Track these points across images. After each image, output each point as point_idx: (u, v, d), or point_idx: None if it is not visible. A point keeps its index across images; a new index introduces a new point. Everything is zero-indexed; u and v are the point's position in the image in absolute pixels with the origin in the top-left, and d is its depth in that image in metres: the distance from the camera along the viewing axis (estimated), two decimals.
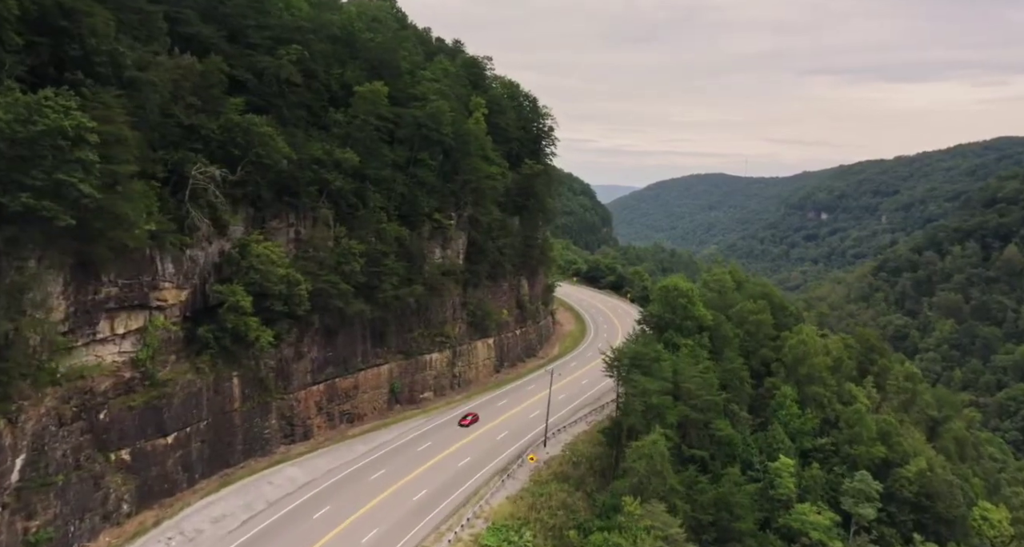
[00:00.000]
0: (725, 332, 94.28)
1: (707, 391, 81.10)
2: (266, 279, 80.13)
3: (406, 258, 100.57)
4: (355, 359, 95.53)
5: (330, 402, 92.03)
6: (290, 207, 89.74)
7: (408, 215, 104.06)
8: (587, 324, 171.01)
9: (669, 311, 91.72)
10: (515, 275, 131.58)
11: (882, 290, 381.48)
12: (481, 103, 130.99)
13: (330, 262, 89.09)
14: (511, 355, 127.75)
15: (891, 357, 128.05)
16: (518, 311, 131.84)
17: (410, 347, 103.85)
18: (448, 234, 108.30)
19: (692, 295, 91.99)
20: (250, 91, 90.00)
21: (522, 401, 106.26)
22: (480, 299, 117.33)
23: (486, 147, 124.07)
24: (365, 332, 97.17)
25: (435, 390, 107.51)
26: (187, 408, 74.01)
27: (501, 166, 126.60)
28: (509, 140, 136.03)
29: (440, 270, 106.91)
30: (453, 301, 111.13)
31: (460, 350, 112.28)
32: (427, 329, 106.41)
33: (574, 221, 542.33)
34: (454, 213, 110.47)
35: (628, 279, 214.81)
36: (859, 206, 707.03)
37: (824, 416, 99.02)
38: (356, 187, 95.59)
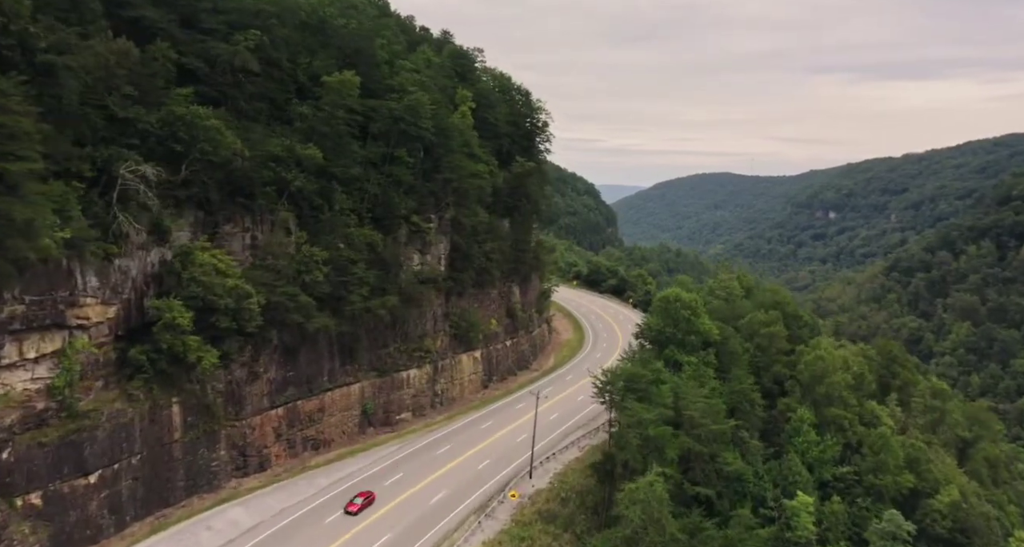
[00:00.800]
0: (733, 348, 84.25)
1: (713, 419, 71.02)
2: (210, 292, 70.49)
3: (379, 265, 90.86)
4: (320, 379, 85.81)
5: (291, 427, 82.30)
6: (245, 210, 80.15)
7: (382, 218, 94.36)
8: (586, 332, 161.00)
9: (670, 325, 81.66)
10: (505, 282, 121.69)
11: (894, 291, 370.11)
12: (467, 96, 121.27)
13: (289, 271, 79.43)
14: (501, 368, 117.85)
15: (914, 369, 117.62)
16: (508, 320, 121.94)
17: (385, 363, 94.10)
18: (427, 238, 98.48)
19: (696, 307, 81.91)
20: (201, 81, 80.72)
21: (509, 422, 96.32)
22: (465, 309, 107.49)
23: (472, 143, 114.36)
24: (332, 348, 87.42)
25: (414, 410, 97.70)
26: (115, 441, 64.37)
27: (489, 164, 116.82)
28: (499, 136, 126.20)
29: (418, 278, 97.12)
30: (434, 312, 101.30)
31: (442, 365, 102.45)
32: (404, 343, 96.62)
33: (578, 221, 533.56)
34: (434, 215, 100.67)
35: (630, 282, 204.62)
36: (868, 204, 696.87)
37: (845, 441, 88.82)
38: (321, 187, 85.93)
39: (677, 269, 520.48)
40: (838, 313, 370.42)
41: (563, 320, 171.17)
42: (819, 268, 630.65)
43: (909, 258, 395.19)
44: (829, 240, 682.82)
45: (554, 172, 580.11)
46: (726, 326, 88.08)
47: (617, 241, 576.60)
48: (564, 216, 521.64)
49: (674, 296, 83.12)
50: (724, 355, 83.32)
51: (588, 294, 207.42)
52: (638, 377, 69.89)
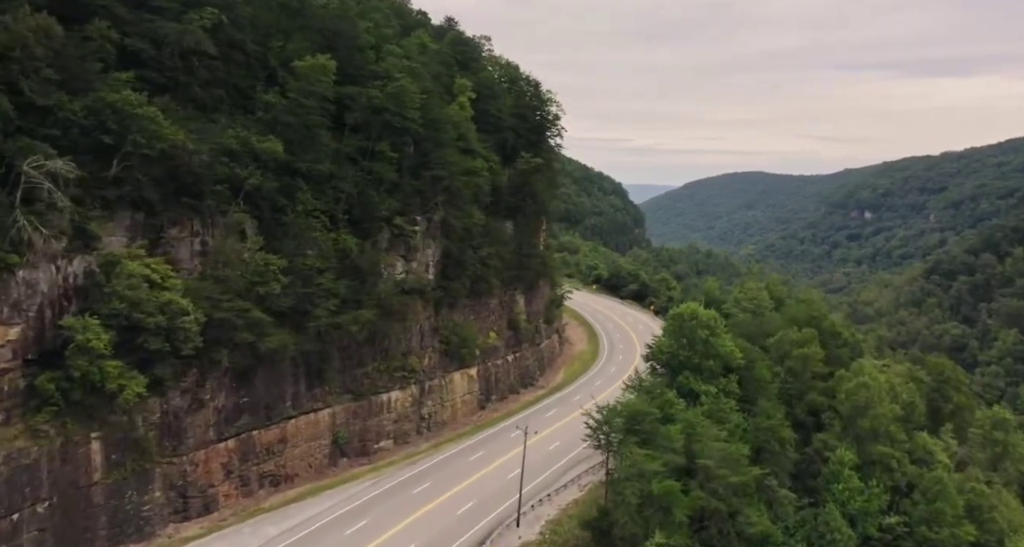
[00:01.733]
0: (760, 374, 71.75)
1: (733, 468, 58.77)
2: (137, 308, 59.94)
3: (353, 274, 79.89)
4: (282, 404, 74.95)
5: (244, 462, 71.46)
6: (193, 211, 69.60)
7: (360, 220, 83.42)
8: (601, 342, 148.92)
9: (685, 347, 69.38)
10: (507, 290, 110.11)
11: (935, 295, 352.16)
12: (467, 86, 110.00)
13: (239, 283, 68.63)
14: (501, 387, 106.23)
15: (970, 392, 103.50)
16: (511, 333, 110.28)
17: (361, 385, 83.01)
18: (412, 243, 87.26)
19: (716, 325, 69.42)
20: (147, 65, 70.50)
21: (503, 452, 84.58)
22: (457, 322, 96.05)
23: (470, 137, 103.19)
24: (297, 370, 76.49)
25: (396, 438, 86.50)
26: (14, 486, 54.07)
27: (489, 160, 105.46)
28: (502, 129, 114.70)
29: (402, 288, 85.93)
30: (420, 326, 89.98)
31: (430, 386, 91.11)
32: (384, 362, 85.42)
33: (604, 222, 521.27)
34: (421, 217, 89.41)
35: (652, 287, 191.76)
36: (905, 204, 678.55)
37: (893, 483, 75.84)
38: (284, 186, 75.23)
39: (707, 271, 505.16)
40: (875, 318, 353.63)
41: (577, 329, 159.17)
42: (854, 270, 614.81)
43: (950, 260, 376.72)
44: (865, 241, 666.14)
45: (580, 171, 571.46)
46: (752, 346, 75.57)
47: (645, 242, 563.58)
48: (590, 216, 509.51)
49: (689, 313, 70.69)
50: (749, 382, 70.85)
51: (607, 299, 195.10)
52: (642, 415, 57.79)
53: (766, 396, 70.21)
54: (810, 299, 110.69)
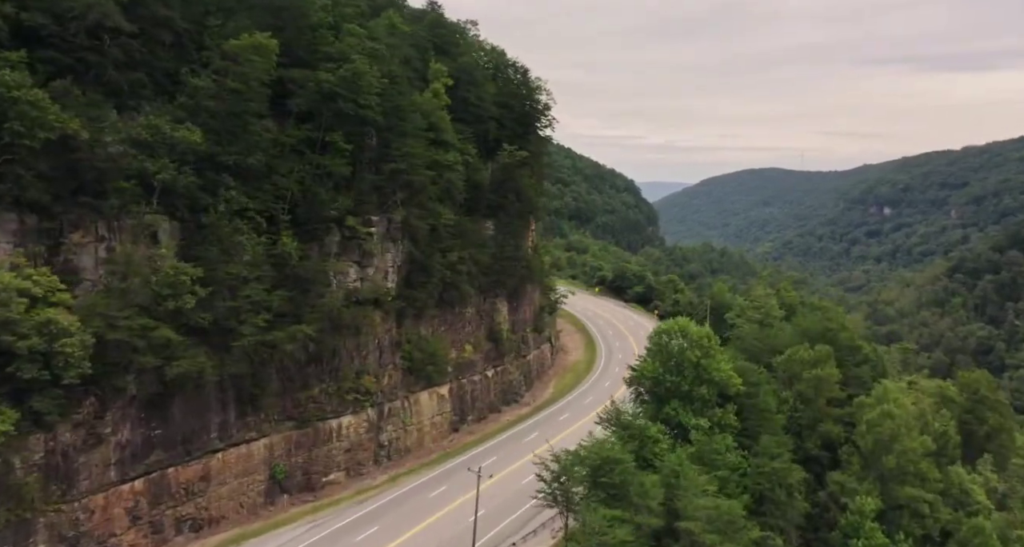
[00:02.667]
0: (764, 403, 60.27)
1: (726, 532, 47.19)
2: (6, 329, 49.81)
3: (293, 284, 69.29)
4: (205, 436, 64.45)
5: (156, 505, 61.02)
6: (97, 213, 59.34)
7: (305, 221, 72.80)
8: (598, 351, 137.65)
9: (672, 371, 57.97)
10: (486, 297, 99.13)
11: (959, 294, 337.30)
12: (442, 71, 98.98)
13: (145, 296, 58.24)
14: (478, 406, 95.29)
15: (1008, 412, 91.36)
16: (491, 345, 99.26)
17: (305, 411, 72.37)
18: (367, 247, 76.45)
19: (710, 345, 57.84)
20: (48, 44, 60.48)
21: (471, 486, 73.25)
22: (424, 335, 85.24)
23: (444, 127, 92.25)
24: (224, 395, 66.00)
25: (348, 469, 75.80)
26: None
27: (464, 152, 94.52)
28: (482, 120, 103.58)
29: (354, 298, 75.21)
30: (378, 340, 79.22)
31: (390, 408, 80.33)
32: (334, 383, 74.71)
33: (616, 220, 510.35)
34: (379, 217, 78.60)
35: (657, 290, 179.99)
36: (925, 200, 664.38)
37: (924, 531, 63.96)
38: (207, 182, 64.82)
39: (721, 270, 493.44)
40: (897, 319, 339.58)
41: (574, 335, 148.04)
42: (874, 267, 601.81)
43: (975, 258, 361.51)
44: (884, 237, 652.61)
45: (591, 169, 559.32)
46: (755, 368, 64.10)
47: (658, 240, 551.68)
48: (601, 215, 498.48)
49: (677, 330, 59.19)
50: (750, 413, 59.47)
51: (610, 303, 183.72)
52: (611, 463, 46.50)
53: (770, 430, 58.81)
54: (825, 307, 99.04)
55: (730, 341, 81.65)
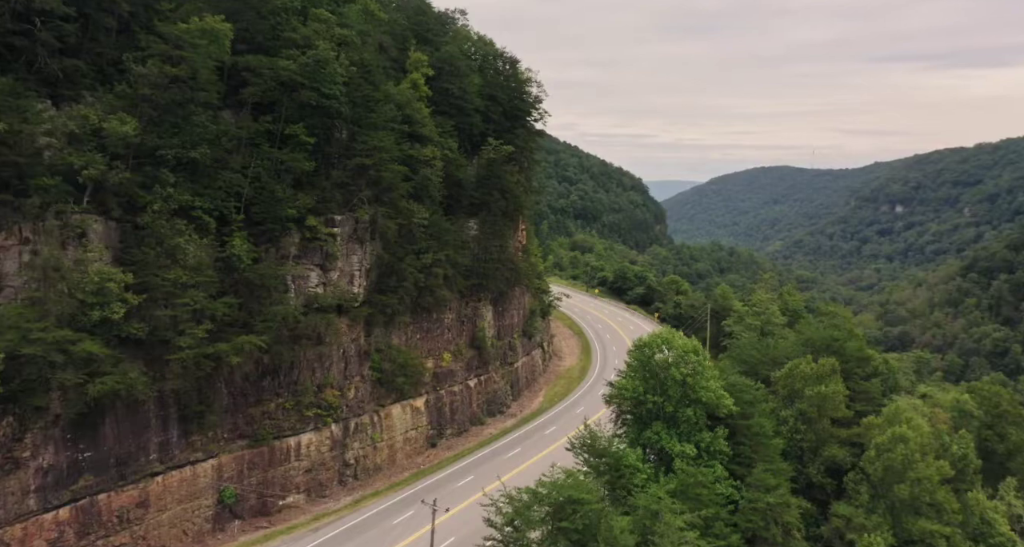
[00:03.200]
0: (759, 427, 53.33)
1: None
2: None
3: (244, 290, 63.26)
4: (142, 458, 58.39)
5: (84, 535, 54.93)
6: (18, 213, 53.47)
7: (261, 221, 66.71)
8: (594, 356, 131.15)
9: (655, 390, 51.14)
10: (468, 302, 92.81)
11: (973, 294, 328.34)
12: (422, 61, 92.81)
13: (67, 306, 52.27)
14: (458, 418, 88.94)
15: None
16: (473, 353, 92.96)
17: (260, 428, 66.23)
18: (330, 249, 70.23)
19: (698, 361, 50.89)
20: None
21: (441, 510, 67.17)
22: (395, 344, 78.98)
23: (421, 119, 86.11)
24: (165, 412, 59.92)
25: (309, 491, 69.61)
26: None
27: (443, 147, 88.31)
28: (466, 113, 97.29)
29: (316, 305, 69.03)
30: (344, 351, 72.99)
31: (357, 424, 74.10)
32: (292, 397, 68.49)
33: (623, 218, 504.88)
34: (344, 216, 72.38)
35: (659, 292, 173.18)
36: (937, 198, 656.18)
37: None
38: (150, 179, 58.91)
39: (729, 269, 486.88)
40: (909, 320, 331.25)
41: (570, 340, 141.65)
42: (885, 266, 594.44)
43: (989, 256, 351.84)
44: (896, 236, 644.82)
45: (598, 167, 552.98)
46: (750, 384, 57.24)
47: (666, 239, 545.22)
48: (607, 213, 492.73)
49: (658, 343, 52.44)
50: (744, 437, 52.67)
51: (610, 305, 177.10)
52: (577, 505, 39.64)
53: (766, 456, 52.03)
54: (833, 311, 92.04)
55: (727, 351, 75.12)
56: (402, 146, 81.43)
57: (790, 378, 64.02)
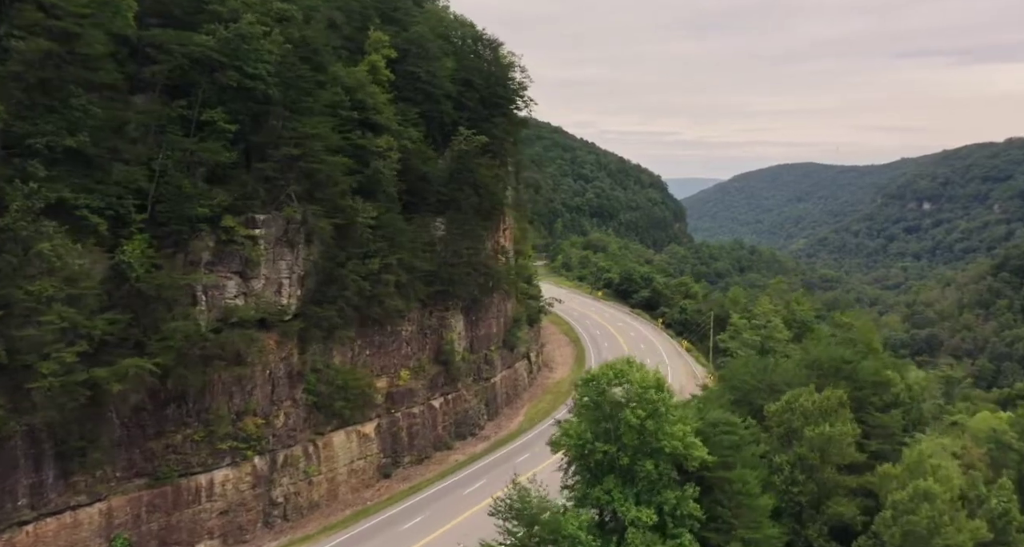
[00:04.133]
0: (742, 484, 41.69)
1: None
2: None
3: (139, 303, 53.49)
4: (9, 503, 48.64)
5: None
6: None
7: (166, 221, 56.89)
8: (589, 367, 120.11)
9: (607, 437, 39.97)
10: (433, 311, 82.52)
11: (1005, 295, 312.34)
12: (383, 40, 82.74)
13: None
14: (419, 444, 78.59)
15: None
16: (439, 369, 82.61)
17: (162, 464, 56.36)
18: (251, 254, 60.23)
19: (662, 402, 39.71)
20: None
21: None
22: (336, 362, 68.84)
23: (378, 106, 76.11)
24: (38, 449, 50.20)
25: (226, 536, 59.64)
26: None
27: (403, 137, 78.12)
28: (434, 99, 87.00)
29: (231, 320, 59.08)
30: (270, 372, 62.96)
31: (286, 456, 64.02)
32: (203, 427, 58.59)
33: (640, 217, 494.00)
34: (270, 216, 62.35)
35: (664, 295, 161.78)
36: (966, 194, 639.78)
37: None
38: (16, 172, 49.31)
39: (750, 268, 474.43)
40: (937, 322, 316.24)
41: (564, 348, 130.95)
42: (912, 265, 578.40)
43: (1021, 255, 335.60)
44: (923, 233, 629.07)
45: (616, 164, 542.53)
46: (735, 424, 45.84)
47: (685, 237, 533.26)
48: (624, 211, 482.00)
49: (610, 376, 41.13)
50: (722, 495, 41.48)
51: (612, 308, 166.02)
52: None
53: (750, 521, 40.84)
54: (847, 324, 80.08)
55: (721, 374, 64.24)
56: (351, 135, 71.72)
57: (787, 413, 52.94)
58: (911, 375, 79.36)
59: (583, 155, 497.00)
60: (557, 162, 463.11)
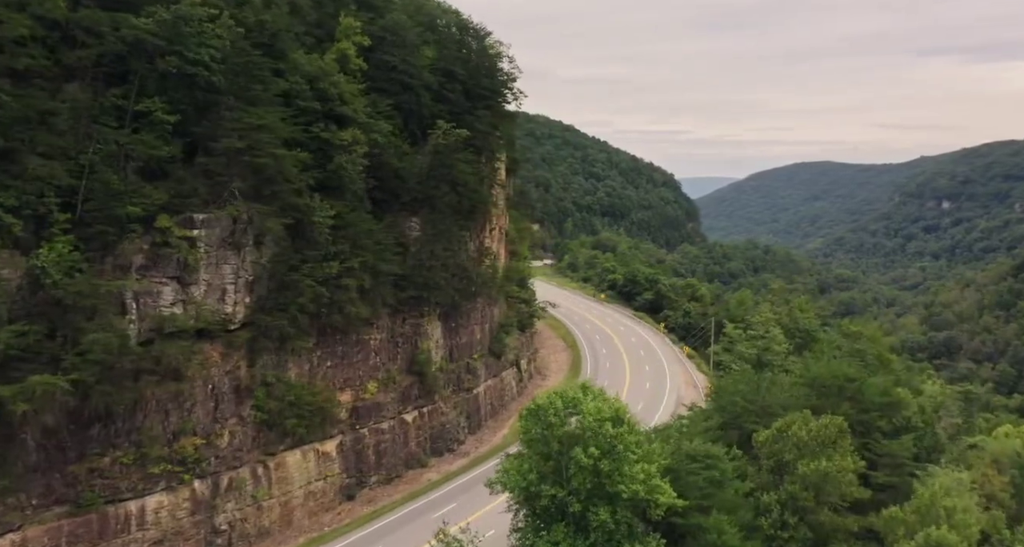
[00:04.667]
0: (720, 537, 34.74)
1: None
2: None
3: (56, 312, 48.04)
4: None
5: None
6: None
7: (91, 222, 51.39)
8: (583, 375, 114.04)
9: (555, 478, 33.78)
10: (406, 318, 76.68)
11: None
12: (353, 27, 77.07)
13: None
14: (388, 462, 72.74)
15: None
16: (412, 380, 76.77)
17: (85, 490, 50.81)
18: (190, 258, 54.59)
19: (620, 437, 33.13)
20: None
21: None
22: (294, 374, 63.13)
23: (345, 97, 70.42)
24: None
25: None
26: None
27: (374, 129, 72.35)
28: (411, 90, 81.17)
29: (167, 331, 53.48)
30: (213, 387, 57.31)
31: (231, 479, 58.34)
32: (135, 449, 53.01)
33: (653, 216, 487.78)
34: (212, 215, 56.69)
35: (668, 298, 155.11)
36: (987, 193, 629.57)
37: None
38: None
39: (764, 268, 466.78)
40: (956, 324, 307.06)
41: (560, 354, 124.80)
42: (931, 264, 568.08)
43: None
44: (943, 233, 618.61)
45: (628, 163, 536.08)
46: (716, 456, 39.63)
47: (699, 237, 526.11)
48: (636, 210, 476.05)
49: (559, 406, 34.61)
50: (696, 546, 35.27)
51: (615, 311, 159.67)
52: None
53: None
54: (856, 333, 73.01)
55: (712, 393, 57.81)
56: (313, 127, 66.22)
57: (778, 443, 46.43)
58: (926, 389, 72.67)
59: (594, 153, 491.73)
60: (568, 160, 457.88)
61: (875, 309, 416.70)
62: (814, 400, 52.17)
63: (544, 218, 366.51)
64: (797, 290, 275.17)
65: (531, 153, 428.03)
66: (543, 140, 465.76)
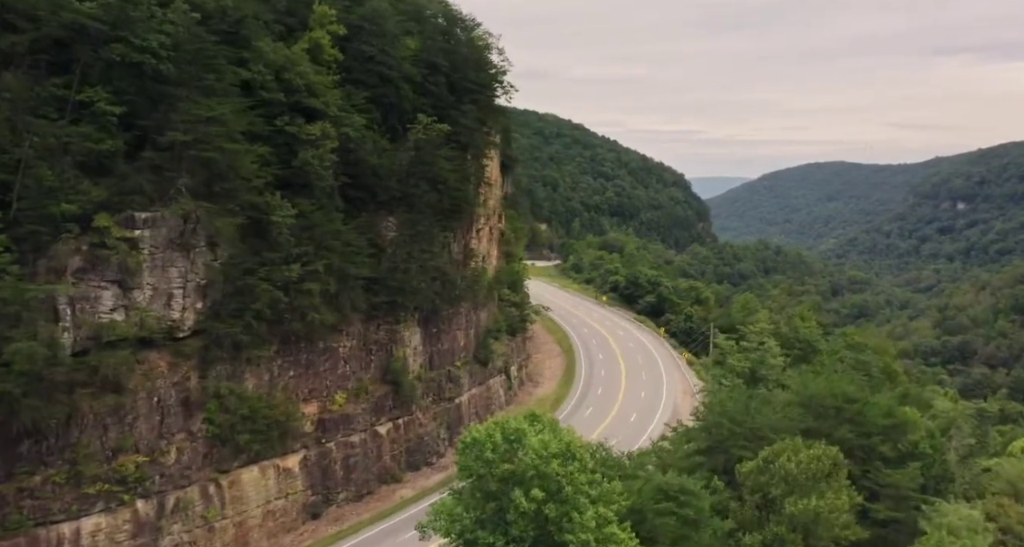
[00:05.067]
0: None
1: None
2: None
3: None
4: None
5: None
6: None
7: (26, 221, 47.34)
8: (577, 380, 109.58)
9: (494, 523, 29.72)
10: (380, 324, 72.29)
11: None
12: (328, 15, 72.70)
13: None
14: (358, 478, 68.31)
15: None
16: (387, 390, 72.35)
17: (12, 512, 46.72)
18: (130, 260, 50.38)
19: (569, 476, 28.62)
20: None
21: None
22: (252, 385, 58.84)
23: (314, 89, 66.12)
24: None
25: None
26: None
27: (346, 123, 68.02)
28: (389, 82, 76.77)
29: (106, 339, 49.34)
30: (159, 399, 53.09)
31: (178, 499, 54.10)
32: (69, 467, 48.85)
33: (662, 216, 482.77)
34: (156, 214, 52.46)
35: (669, 301, 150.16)
36: (1003, 194, 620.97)
37: None
38: None
39: (775, 269, 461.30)
40: (970, 328, 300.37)
41: (554, 359, 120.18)
42: (945, 266, 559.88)
43: None
44: (957, 234, 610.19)
45: (638, 162, 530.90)
46: (690, 492, 34.75)
47: (709, 237, 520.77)
48: (645, 210, 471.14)
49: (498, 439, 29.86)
50: None
51: (615, 315, 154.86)
52: None
53: None
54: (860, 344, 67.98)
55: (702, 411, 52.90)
56: (277, 120, 62.03)
57: (764, 475, 41.58)
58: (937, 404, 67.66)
59: (604, 153, 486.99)
60: (576, 160, 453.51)
61: (888, 312, 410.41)
62: (810, 422, 47.28)
63: (551, 218, 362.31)
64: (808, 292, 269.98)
65: (539, 152, 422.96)
66: (551, 139, 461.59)
